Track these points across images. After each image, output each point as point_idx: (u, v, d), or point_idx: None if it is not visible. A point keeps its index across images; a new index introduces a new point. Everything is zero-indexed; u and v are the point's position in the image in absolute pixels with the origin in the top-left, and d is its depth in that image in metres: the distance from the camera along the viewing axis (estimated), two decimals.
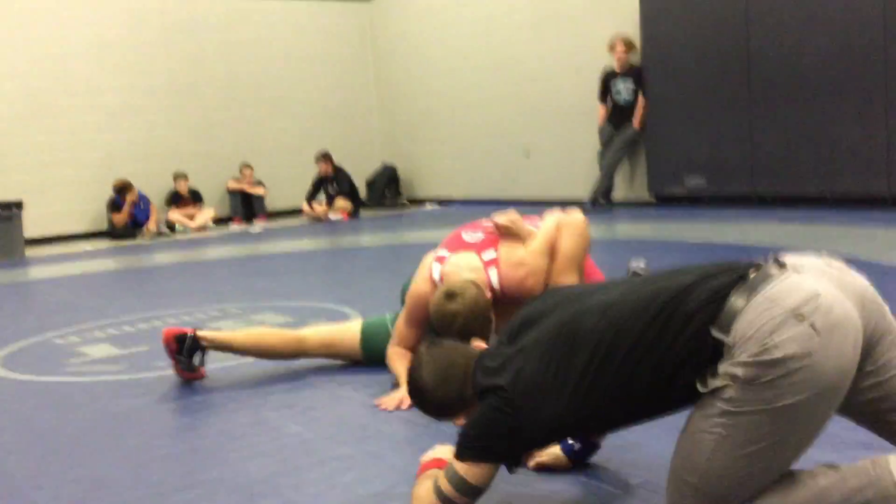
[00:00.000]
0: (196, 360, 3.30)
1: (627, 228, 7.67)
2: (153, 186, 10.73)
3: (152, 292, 6.16)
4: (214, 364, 3.68)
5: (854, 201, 7.20)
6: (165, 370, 3.63)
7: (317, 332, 3.43)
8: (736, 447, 1.63)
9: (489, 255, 2.99)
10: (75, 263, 8.06)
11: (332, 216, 10.86)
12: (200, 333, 3.30)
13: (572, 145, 9.74)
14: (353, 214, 11.00)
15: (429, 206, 11.64)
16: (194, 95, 11.28)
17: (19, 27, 10.14)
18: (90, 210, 10.65)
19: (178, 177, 10.82)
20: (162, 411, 3.08)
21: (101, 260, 8.40)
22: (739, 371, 1.61)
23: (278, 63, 11.86)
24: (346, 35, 12.47)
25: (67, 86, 10.45)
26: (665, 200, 8.78)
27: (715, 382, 1.64)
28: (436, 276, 2.97)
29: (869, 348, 1.72)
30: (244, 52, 11.60)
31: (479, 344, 2.12)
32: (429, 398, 1.99)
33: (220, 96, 11.46)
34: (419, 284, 3.03)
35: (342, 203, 10.95)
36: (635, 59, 8.74)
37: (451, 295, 2.64)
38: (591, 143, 9.24)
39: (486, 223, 3.14)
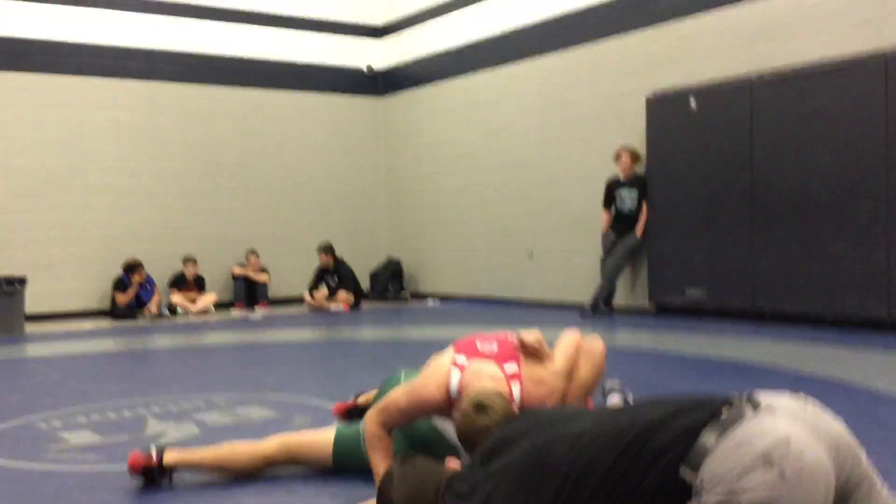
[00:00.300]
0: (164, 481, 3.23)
1: (626, 337, 7.64)
2: (158, 268, 10.81)
3: (143, 377, 6.12)
4: None
5: (853, 323, 7.17)
6: None
7: (285, 447, 3.30)
8: None
9: (511, 368, 2.97)
10: (72, 343, 8.06)
11: (334, 307, 10.87)
12: (167, 461, 3.19)
13: (575, 250, 9.80)
14: (355, 306, 11.01)
15: (431, 302, 11.64)
16: (206, 181, 11.46)
17: (40, 105, 10.40)
18: (94, 288, 10.70)
19: (188, 261, 10.90)
20: None
21: (98, 340, 8.39)
22: None
23: (290, 153, 12.08)
24: (358, 128, 12.72)
25: (81, 165, 10.65)
26: (665, 310, 8.77)
27: None
28: (453, 384, 2.89)
29: (843, 496, 1.68)
30: (257, 140, 11.83)
31: (452, 464, 2.10)
32: None
33: (230, 183, 11.64)
34: (430, 388, 2.92)
35: (344, 295, 10.97)
36: (640, 169, 8.87)
37: (481, 407, 2.54)
38: (593, 248, 9.30)
39: (501, 335, 3.12)
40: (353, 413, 3.84)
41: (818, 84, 7.35)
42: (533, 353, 3.02)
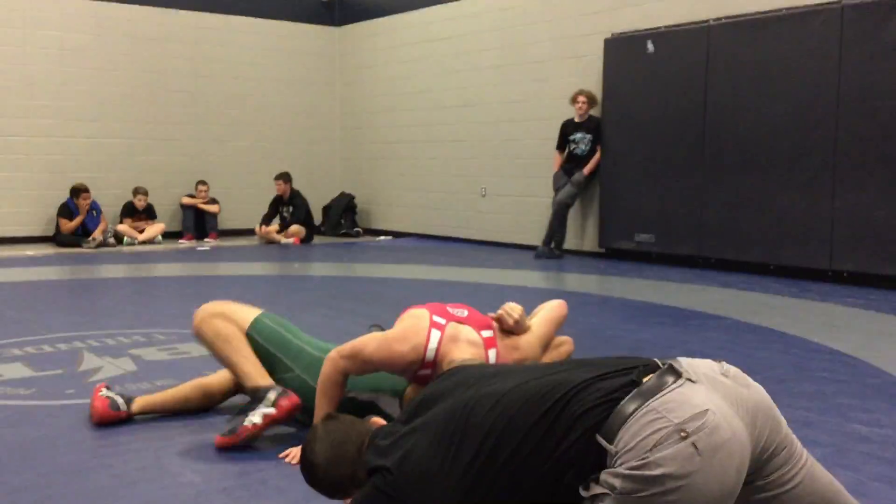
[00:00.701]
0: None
1: (574, 280, 7.70)
2: (105, 196, 10.60)
3: (83, 308, 6.02)
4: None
5: (796, 273, 7.30)
6: (74, 399, 3.55)
7: (230, 380, 3.28)
8: None
9: (487, 333, 2.92)
10: (12, 270, 7.89)
11: (284, 240, 10.78)
12: (134, 409, 3.20)
13: (528, 192, 9.79)
14: (306, 240, 10.93)
15: (382, 239, 11.60)
16: (155, 108, 11.17)
17: None
18: (38, 214, 10.48)
19: (138, 192, 10.67)
20: (60, 447, 2.98)
21: (39, 268, 8.22)
22: (618, 482, 1.57)
23: (243, 81, 11.81)
24: (314, 60, 12.46)
25: (26, 87, 10.32)
26: (615, 255, 8.83)
27: (595, 489, 1.61)
28: (432, 345, 2.79)
29: (761, 464, 1.69)
30: (210, 67, 11.53)
31: (376, 420, 2.08)
32: (320, 476, 1.95)
33: (181, 111, 11.37)
34: (405, 347, 2.78)
35: (296, 228, 10.88)
36: (595, 112, 8.83)
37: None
38: (546, 190, 9.29)
39: (469, 307, 3.05)
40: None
41: (774, 31, 7.33)
42: (510, 332, 2.97)
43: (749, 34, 7.51)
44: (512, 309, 2.97)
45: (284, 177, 11.06)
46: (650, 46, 8.27)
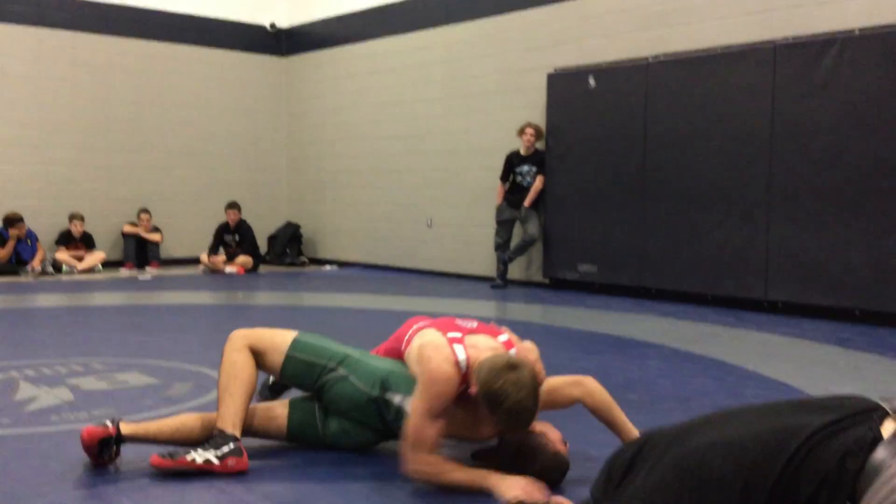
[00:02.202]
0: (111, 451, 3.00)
1: (518, 309, 7.77)
2: (43, 224, 10.41)
3: (19, 338, 5.90)
4: (65, 425, 3.54)
5: (732, 302, 7.47)
6: (9, 428, 3.48)
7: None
8: None
9: (503, 338, 2.95)
10: None
11: (229, 269, 10.69)
12: (124, 431, 2.97)
13: (474, 223, 9.88)
14: (252, 269, 10.86)
15: (328, 268, 11.57)
16: (96, 136, 11.04)
17: None
18: None
19: (74, 218, 10.52)
20: None
21: None
22: None
23: (187, 110, 11.75)
24: (259, 88, 12.46)
25: None
26: (558, 284, 8.95)
27: None
28: (461, 357, 2.76)
29: None
30: (153, 96, 11.45)
31: (559, 500, 2.03)
32: None
33: (125, 138, 11.26)
34: (445, 367, 2.72)
35: (242, 258, 10.81)
36: (539, 145, 8.98)
37: (513, 366, 2.58)
38: (491, 221, 9.39)
39: (471, 322, 3.08)
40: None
41: (710, 69, 7.57)
42: None
43: (687, 71, 7.74)
44: (530, 350, 3.00)
45: (236, 206, 11.02)
46: (592, 81, 8.46)
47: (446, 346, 2.80)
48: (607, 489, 1.82)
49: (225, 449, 2.90)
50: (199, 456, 2.88)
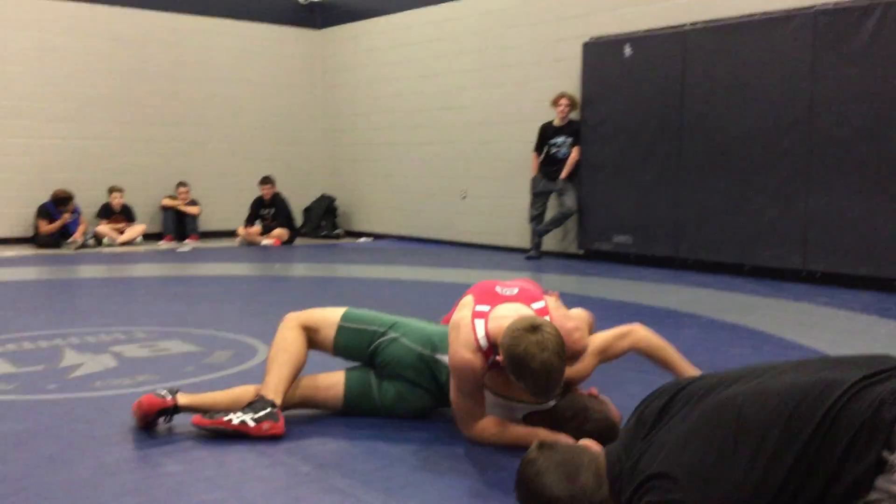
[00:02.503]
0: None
1: (553, 280, 7.77)
2: (84, 197, 10.57)
3: (63, 308, 6.04)
4: (110, 390, 3.63)
5: (770, 272, 7.41)
6: (55, 394, 3.58)
7: (295, 389, 3.17)
8: None
9: (538, 304, 2.87)
10: None
11: (265, 241, 10.80)
12: (182, 402, 3.05)
13: (507, 194, 9.87)
14: (288, 242, 10.96)
15: (363, 240, 11.64)
16: (136, 109, 11.16)
17: None
18: (18, 215, 10.43)
19: (114, 190, 10.68)
20: (42, 439, 3.01)
21: (20, 268, 8.21)
22: None
23: (224, 84, 11.82)
24: (295, 62, 12.49)
25: (4, 89, 10.29)
26: (593, 255, 8.93)
27: (871, 495, 1.59)
28: (480, 335, 2.75)
29: None
30: (190, 69, 11.54)
31: (588, 443, 1.99)
32: None
33: (161, 112, 11.36)
34: (462, 352, 2.76)
35: (278, 231, 10.91)
36: (573, 115, 8.92)
37: (535, 327, 2.54)
38: (525, 193, 9.36)
39: (522, 281, 3.05)
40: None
41: (748, 36, 7.45)
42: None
43: (724, 39, 7.62)
44: (578, 318, 2.98)
45: (269, 181, 11.10)
46: (628, 50, 8.37)
47: (468, 325, 2.79)
48: (637, 434, 1.83)
49: (262, 413, 2.97)
50: (235, 417, 2.96)
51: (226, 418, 2.96)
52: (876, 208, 6.73)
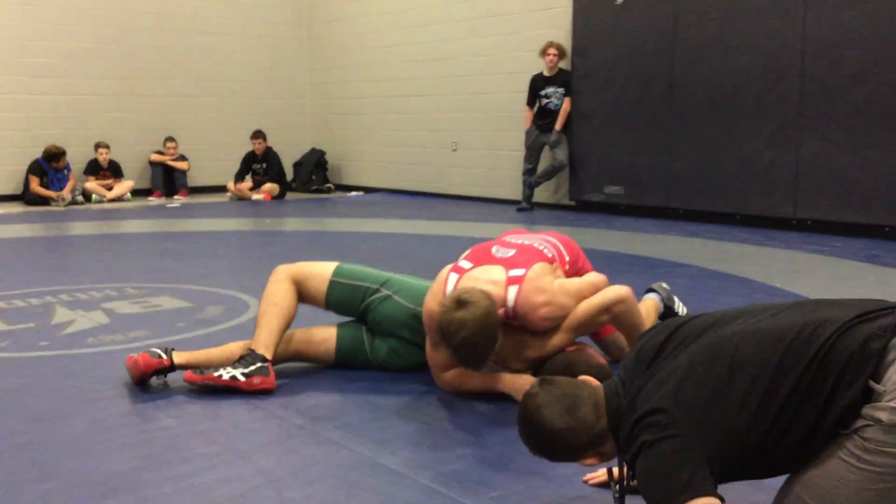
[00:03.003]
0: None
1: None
2: (72, 153, 10.45)
3: (54, 265, 6.02)
4: (102, 347, 3.64)
5: (761, 221, 7.42)
6: (47, 350, 3.58)
7: (288, 344, 3.18)
8: (865, 482, 1.62)
9: (517, 272, 2.80)
10: None
11: (255, 196, 10.75)
12: (177, 361, 3.06)
13: (499, 146, 9.82)
14: (278, 197, 10.92)
15: (353, 194, 11.60)
16: (122, 63, 11.01)
17: None
18: (5, 171, 10.34)
19: (100, 146, 10.58)
20: (35, 395, 3.02)
21: (8, 225, 8.16)
22: (884, 416, 1.60)
23: (211, 37, 11.66)
24: (282, 14, 12.31)
25: None
26: (585, 206, 8.92)
27: (857, 423, 1.63)
28: (449, 289, 2.79)
29: None
30: (176, 23, 11.36)
31: (586, 377, 1.99)
32: (562, 441, 1.84)
33: (148, 66, 11.21)
34: (430, 304, 2.81)
35: (268, 185, 10.86)
36: (564, 65, 8.84)
37: (461, 303, 2.55)
38: (517, 144, 9.33)
39: (538, 239, 3.00)
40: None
41: None
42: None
43: None
44: (591, 284, 2.90)
45: (261, 135, 11.02)
46: None
47: (442, 280, 2.85)
48: (636, 370, 1.85)
49: (252, 368, 2.98)
50: (226, 373, 2.97)
51: (216, 374, 2.97)
52: (866, 156, 6.72)
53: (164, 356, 3.04)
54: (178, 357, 3.08)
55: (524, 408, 1.88)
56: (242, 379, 2.96)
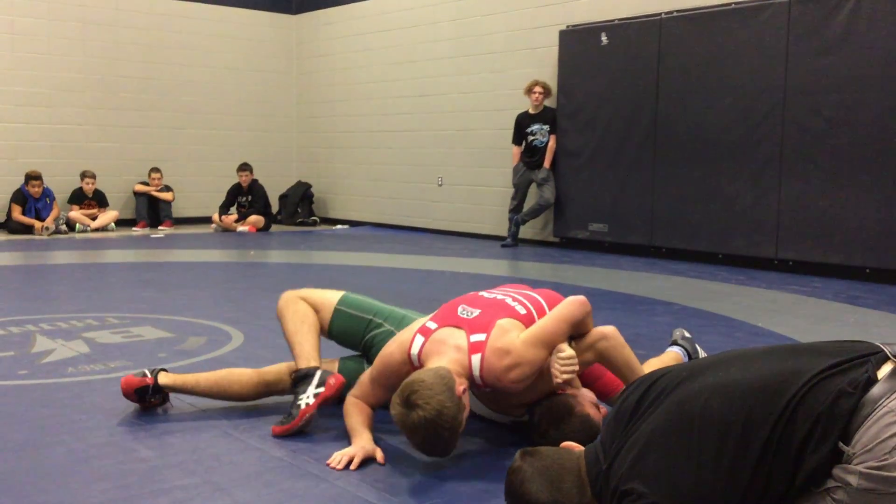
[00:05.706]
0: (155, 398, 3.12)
1: (529, 267, 7.80)
2: (56, 183, 10.45)
3: (34, 294, 5.98)
4: (82, 376, 3.61)
5: (743, 260, 7.48)
6: (26, 379, 3.55)
7: (287, 374, 3.13)
8: None
9: (478, 337, 2.67)
10: None
11: (241, 228, 10.74)
12: (162, 381, 3.07)
13: (483, 182, 9.88)
14: (264, 229, 10.92)
15: (339, 227, 11.61)
16: (109, 94, 11.04)
17: None
18: None
19: (86, 176, 10.56)
20: (12, 424, 2.99)
21: None
22: (853, 480, 1.60)
23: (198, 69, 11.71)
24: (270, 48, 12.40)
25: None
26: (569, 243, 8.96)
27: (829, 483, 1.63)
28: (414, 352, 2.73)
29: None
30: (164, 54, 11.42)
31: (571, 445, 2.01)
32: None
33: (135, 97, 11.25)
34: (394, 351, 2.79)
35: (254, 217, 10.86)
36: (549, 103, 8.93)
37: (411, 405, 2.40)
38: (502, 181, 9.39)
39: (505, 294, 2.91)
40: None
41: (723, 25, 7.49)
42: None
43: (699, 27, 7.66)
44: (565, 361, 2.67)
45: (248, 168, 11.05)
46: (604, 38, 8.39)
47: (410, 334, 2.78)
48: (616, 430, 1.86)
49: (319, 376, 2.93)
50: (307, 398, 2.89)
51: (304, 405, 2.87)
52: (847, 197, 6.81)
53: (148, 375, 3.04)
54: (164, 378, 3.07)
55: (509, 482, 1.91)
56: (324, 389, 2.89)
